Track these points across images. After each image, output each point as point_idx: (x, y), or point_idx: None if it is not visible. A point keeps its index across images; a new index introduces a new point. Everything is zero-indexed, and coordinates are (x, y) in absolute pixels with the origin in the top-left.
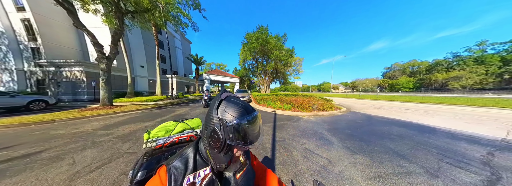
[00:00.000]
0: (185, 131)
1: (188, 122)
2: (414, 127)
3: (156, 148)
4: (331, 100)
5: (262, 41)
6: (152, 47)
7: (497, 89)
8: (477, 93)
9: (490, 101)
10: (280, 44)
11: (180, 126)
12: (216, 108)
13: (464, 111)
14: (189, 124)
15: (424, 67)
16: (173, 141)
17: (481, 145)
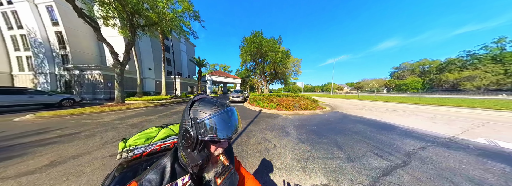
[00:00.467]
0: (169, 137)
1: (173, 127)
2: (377, 125)
3: (133, 158)
4: (317, 101)
5: (256, 44)
6: (159, 51)
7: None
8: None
9: (493, 103)
10: (275, 46)
11: (164, 132)
12: (187, 110)
13: (448, 112)
14: (173, 129)
15: (434, 66)
16: (154, 150)
17: (422, 141)
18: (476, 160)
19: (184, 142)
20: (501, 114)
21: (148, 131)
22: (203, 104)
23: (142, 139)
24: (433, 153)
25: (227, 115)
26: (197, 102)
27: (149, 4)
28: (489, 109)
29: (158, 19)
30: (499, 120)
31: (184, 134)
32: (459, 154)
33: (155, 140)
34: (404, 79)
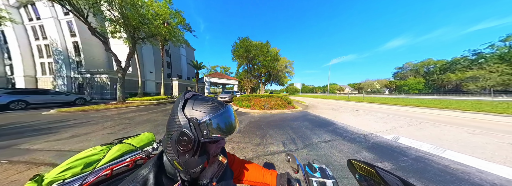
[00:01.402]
0: (127, 155)
1: (132, 140)
2: (320, 123)
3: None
4: (292, 101)
5: (243, 49)
6: (159, 56)
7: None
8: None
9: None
10: (263, 50)
11: (117, 149)
12: (181, 109)
13: (408, 113)
14: (133, 143)
15: (439, 66)
16: (101, 178)
17: (338, 135)
18: (356, 150)
19: (182, 148)
20: (455, 114)
21: (88, 153)
22: (200, 103)
23: (77, 167)
24: (331, 144)
25: (229, 113)
26: (191, 102)
27: (150, 20)
28: (457, 110)
29: (156, 32)
30: (442, 120)
31: (180, 138)
32: (350, 146)
33: (103, 164)
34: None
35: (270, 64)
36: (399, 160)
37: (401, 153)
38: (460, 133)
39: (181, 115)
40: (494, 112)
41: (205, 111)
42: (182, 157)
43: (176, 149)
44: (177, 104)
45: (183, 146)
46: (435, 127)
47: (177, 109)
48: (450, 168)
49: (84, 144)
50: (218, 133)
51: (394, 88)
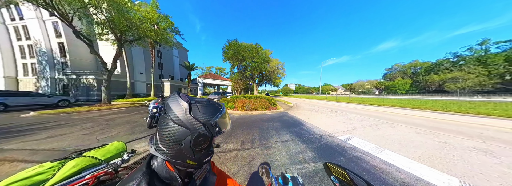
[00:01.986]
0: (87, 171)
1: (96, 152)
2: (291, 123)
3: None
4: (276, 103)
5: (232, 52)
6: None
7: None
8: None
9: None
10: (253, 52)
11: (72, 165)
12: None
13: (378, 113)
14: (96, 156)
15: (424, 68)
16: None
17: (298, 136)
18: (303, 150)
19: (199, 147)
20: (421, 114)
21: (29, 174)
22: (204, 106)
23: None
24: (285, 144)
25: (225, 111)
26: (194, 106)
27: (136, 24)
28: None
29: (143, 35)
30: (403, 120)
31: (197, 140)
32: (301, 146)
33: (53, 183)
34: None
35: (260, 65)
36: (335, 160)
37: (341, 153)
38: (409, 133)
39: (193, 120)
40: (457, 112)
41: (212, 113)
42: (198, 154)
43: (190, 150)
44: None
45: (200, 145)
46: (392, 127)
47: (184, 116)
48: (376, 168)
49: (58, 143)
50: (223, 128)
51: (383, 89)
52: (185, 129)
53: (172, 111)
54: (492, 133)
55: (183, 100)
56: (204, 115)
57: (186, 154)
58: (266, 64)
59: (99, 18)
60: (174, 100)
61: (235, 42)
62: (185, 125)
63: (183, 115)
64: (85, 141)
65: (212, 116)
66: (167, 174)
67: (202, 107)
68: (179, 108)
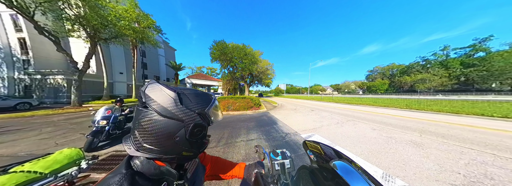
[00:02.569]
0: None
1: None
2: (266, 123)
3: None
4: (260, 103)
5: (219, 52)
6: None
7: (457, 90)
8: (430, 95)
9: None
10: (241, 52)
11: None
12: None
13: (351, 112)
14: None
15: (399, 70)
16: None
17: (266, 135)
18: (265, 146)
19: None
20: (388, 111)
21: None
22: (195, 96)
23: None
24: (247, 143)
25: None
26: (184, 97)
27: (112, 21)
28: (394, 108)
29: (120, 33)
30: (367, 117)
31: (194, 130)
32: (264, 143)
33: None
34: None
35: (249, 66)
36: None
37: (295, 150)
38: (365, 129)
39: (188, 111)
40: (417, 109)
41: (205, 102)
42: (195, 144)
43: (186, 142)
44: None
45: (197, 135)
46: (354, 124)
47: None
48: None
49: (7, 150)
50: (216, 117)
51: (365, 89)
52: (177, 122)
53: (156, 103)
54: (432, 127)
55: (168, 89)
56: (197, 105)
57: (182, 146)
58: (255, 65)
59: (68, 14)
60: (155, 89)
61: (221, 42)
62: (178, 117)
63: (173, 106)
64: (41, 146)
65: (205, 105)
66: (157, 170)
67: (193, 96)
68: (166, 98)
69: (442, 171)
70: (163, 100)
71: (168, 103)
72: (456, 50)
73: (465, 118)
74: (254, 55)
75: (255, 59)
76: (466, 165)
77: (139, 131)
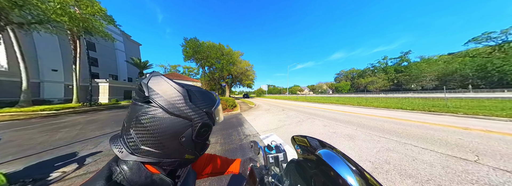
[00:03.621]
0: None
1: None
2: (233, 125)
3: None
4: (236, 103)
5: (192, 50)
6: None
7: (392, 90)
8: (378, 94)
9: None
10: (217, 52)
11: None
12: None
13: (314, 110)
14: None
15: (357, 73)
16: None
17: (226, 138)
18: (218, 151)
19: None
20: (343, 108)
21: None
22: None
23: None
24: None
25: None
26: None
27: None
28: (350, 105)
29: (45, 18)
30: (326, 115)
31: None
32: (219, 148)
33: None
34: (340, 83)
35: (226, 66)
36: (236, 156)
37: (242, 152)
38: (319, 126)
39: (197, 110)
40: (364, 105)
41: (212, 101)
42: (199, 146)
43: (192, 143)
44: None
45: (203, 136)
46: (312, 122)
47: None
48: None
49: None
50: (219, 118)
51: (334, 89)
52: (185, 121)
53: (163, 98)
54: (367, 121)
55: (176, 84)
56: (204, 103)
57: (186, 148)
58: (234, 66)
59: None
60: (161, 83)
61: (193, 40)
62: (187, 115)
63: (183, 103)
64: None
65: (212, 104)
66: (148, 179)
67: (200, 94)
68: (175, 94)
69: (359, 161)
70: (172, 95)
71: (177, 99)
72: (391, 59)
73: (391, 111)
74: (233, 55)
75: (233, 60)
76: (377, 153)
77: (136, 130)
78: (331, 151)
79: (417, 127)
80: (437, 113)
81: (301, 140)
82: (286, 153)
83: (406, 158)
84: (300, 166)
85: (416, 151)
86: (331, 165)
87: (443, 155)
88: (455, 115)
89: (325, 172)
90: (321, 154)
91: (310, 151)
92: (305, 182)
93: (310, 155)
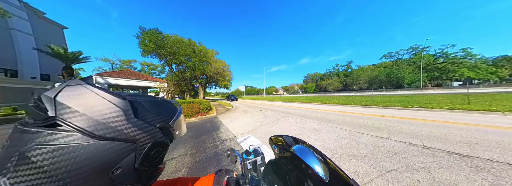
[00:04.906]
0: None
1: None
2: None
3: None
4: (211, 106)
5: (153, 44)
6: None
7: (343, 90)
8: (335, 93)
9: (323, 98)
10: (187, 49)
11: None
12: (132, 118)
13: (288, 109)
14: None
15: (319, 76)
16: None
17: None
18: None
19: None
20: (311, 106)
21: None
22: (151, 103)
23: None
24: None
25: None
26: (141, 106)
27: None
28: (317, 103)
29: None
30: (298, 113)
31: (149, 153)
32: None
33: None
34: (307, 84)
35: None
36: (210, 166)
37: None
38: (292, 123)
39: (145, 126)
40: (325, 103)
41: (169, 112)
42: (146, 173)
43: (134, 173)
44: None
45: (155, 159)
46: (286, 120)
47: (123, 121)
48: None
49: None
50: (181, 131)
51: (303, 89)
52: (124, 144)
53: (85, 117)
54: (327, 115)
55: (111, 94)
56: (158, 116)
57: (122, 183)
58: (208, 65)
59: None
60: (83, 94)
61: (154, 32)
62: (126, 136)
63: (122, 120)
64: None
65: (170, 116)
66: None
67: (152, 105)
68: (108, 109)
69: (323, 149)
70: (103, 111)
71: (111, 116)
72: (341, 66)
73: (342, 106)
74: (207, 53)
75: (208, 58)
76: (334, 141)
77: (17, 177)
78: (303, 145)
79: (359, 118)
80: (368, 106)
81: (278, 139)
82: (264, 155)
83: (352, 142)
84: (277, 165)
85: (358, 136)
86: (302, 158)
87: (372, 136)
88: (377, 107)
89: (298, 166)
90: (295, 150)
91: (286, 149)
92: (282, 180)
93: (286, 152)
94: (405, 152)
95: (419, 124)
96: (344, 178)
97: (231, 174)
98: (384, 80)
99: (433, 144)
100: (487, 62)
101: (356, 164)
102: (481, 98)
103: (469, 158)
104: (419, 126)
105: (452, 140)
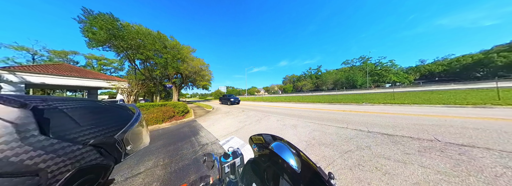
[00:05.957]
0: None
1: None
2: (185, 136)
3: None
4: (188, 110)
5: (106, 33)
6: None
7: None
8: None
9: (299, 98)
10: (156, 43)
11: None
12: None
13: (270, 108)
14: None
15: (296, 78)
16: None
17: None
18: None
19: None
20: (287, 105)
21: None
22: (88, 113)
23: None
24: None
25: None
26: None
27: None
28: (294, 102)
29: None
30: (279, 111)
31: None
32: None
33: None
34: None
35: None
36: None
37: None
38: (273, 121)
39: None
40: (301, 102)
41: (116, 123)
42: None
43: None
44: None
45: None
46: (268, 119)
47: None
48: None
49: None
50: (137, 144)
51: (282, 90)
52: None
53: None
54: (303, 112)
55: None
56: (94, 129)
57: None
58: (184, 63)
59: None
60: None
61: (107, 17)
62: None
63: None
64: None
65: (118, 127)
66: None
67: (85, 113)
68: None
69: (298, 141)
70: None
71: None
72: (313, 69)
73: (315, 104)
74: (181, 50)
75: (182, 56)
76: (309, 134)
77: None
78: (280, 142)
79: (327, 113)
80: (333, 103)
81: (257, 138)
82: (243, 156)
83: (322, 133)
84: (256, 163)
85: (326, 128)
86: (279, 154)
87: (336, 127)
88: (340, 103)
89: (275, 162)
90: (273, 147)
91: (265, 147)
92: (259, 177)
93: (265, 150)
94: (357, 136)
95: (367, 115)
96: (313, 167)
97: (207, 180)
98: (344, 82)
99: (373, 129)
100: (403, 70)
101: (324, 150)
102: (400, 95)
103: (391, 136)
104: (366, 116)
105: (384, 125)
